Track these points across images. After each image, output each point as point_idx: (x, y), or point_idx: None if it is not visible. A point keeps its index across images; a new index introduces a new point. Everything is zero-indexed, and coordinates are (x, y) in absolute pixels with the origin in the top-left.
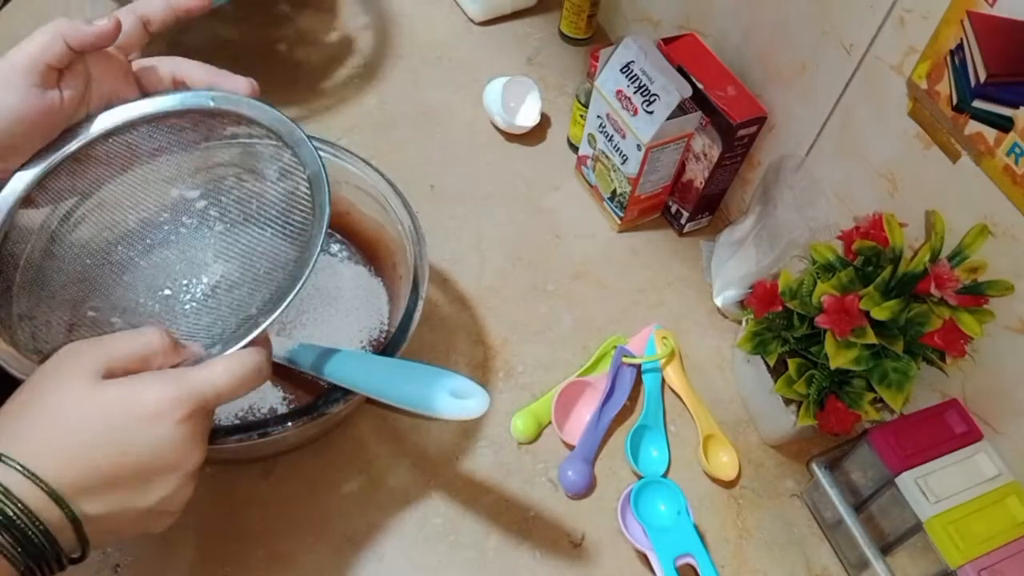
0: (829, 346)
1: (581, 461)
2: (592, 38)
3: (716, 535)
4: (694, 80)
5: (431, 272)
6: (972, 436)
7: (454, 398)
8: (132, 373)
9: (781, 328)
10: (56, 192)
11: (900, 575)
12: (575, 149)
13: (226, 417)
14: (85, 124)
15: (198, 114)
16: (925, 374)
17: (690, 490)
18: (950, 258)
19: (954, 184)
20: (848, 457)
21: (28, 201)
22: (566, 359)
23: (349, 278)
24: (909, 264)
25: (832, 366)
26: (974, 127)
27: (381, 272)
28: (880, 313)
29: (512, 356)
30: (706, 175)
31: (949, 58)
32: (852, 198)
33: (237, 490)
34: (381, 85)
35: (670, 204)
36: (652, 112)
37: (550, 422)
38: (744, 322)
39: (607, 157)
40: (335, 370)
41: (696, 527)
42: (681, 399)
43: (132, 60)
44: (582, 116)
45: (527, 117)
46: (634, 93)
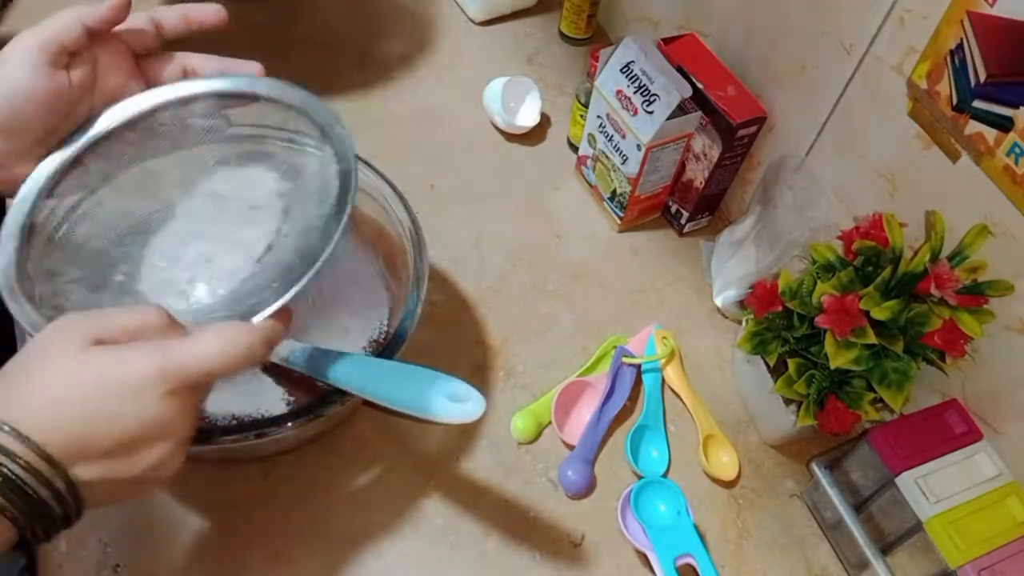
0: (829, 346)
1: (581, 461)
2: (592, 38)
3: (716, 535)
4: (694, 80)
5: (431, 272)
6: (972, 436)
7: (451, 402)
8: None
9: (781, 328)
10: (109, 157)
11: (900, 575)
12: (575, 149)
13: (224, 417)
14: (151, 93)
15: (249, 97)
16: (925, 374)
17: (690, 490)
18: (950, 258)
19: (954, 184)
20: (848, 457)
21: (78, 161)
22: (566, 359)
23: (349, 278)
24: (909, 264)
25: (832, 366)
26: (974, 127)
27: (381, 272)
28: (880, 313)
29: (512, 356)
30: (706, 175)
31: (949, 58)
32: (852, 198)
33: (237, 490)
34: (381, 85)
35: (670, 204)
36: (652, 112)
37: (550, 422)
38: (744, 322)
39: (607, 157)
40: (332, 372)
41: (696, 527)
42: (681, 399)
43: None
44: (582, 116)
45: (527, 117)
46: (634, 93)
